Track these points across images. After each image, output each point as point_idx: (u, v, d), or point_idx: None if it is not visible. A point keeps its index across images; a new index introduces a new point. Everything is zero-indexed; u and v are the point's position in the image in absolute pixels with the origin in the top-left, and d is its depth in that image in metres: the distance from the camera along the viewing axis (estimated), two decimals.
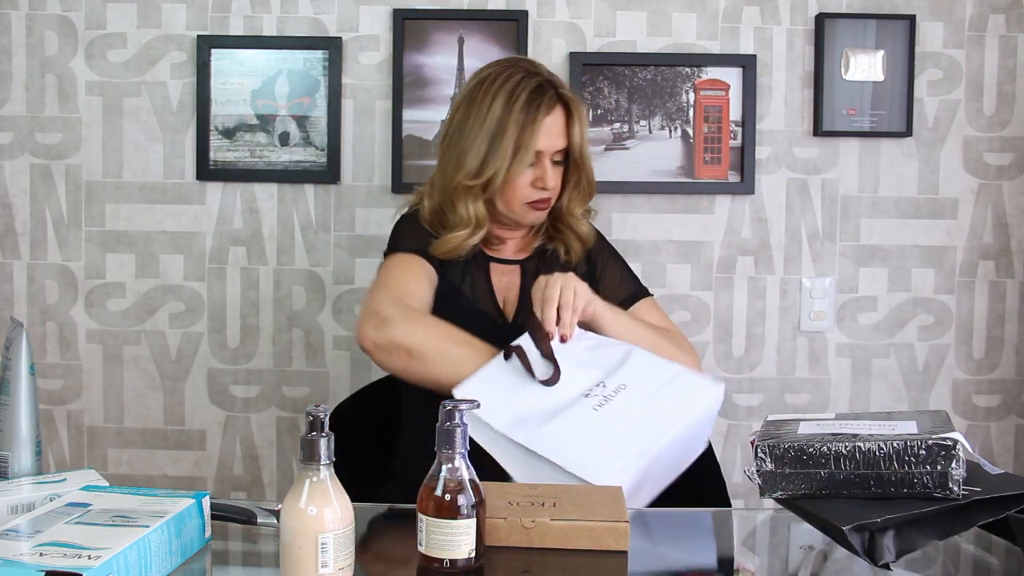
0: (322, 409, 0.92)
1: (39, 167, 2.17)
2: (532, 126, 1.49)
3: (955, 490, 0.98)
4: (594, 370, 1.33)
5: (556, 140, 1.53)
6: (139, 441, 2.20)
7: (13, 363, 1.15)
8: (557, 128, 1.53)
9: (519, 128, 1.49)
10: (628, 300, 1.61)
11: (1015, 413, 2.22)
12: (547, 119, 1.51)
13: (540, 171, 1.52)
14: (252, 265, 2.18)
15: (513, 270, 1.61)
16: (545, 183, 1.52)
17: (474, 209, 1.53)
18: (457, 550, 0.94)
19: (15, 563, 0.81)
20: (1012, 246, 2.19)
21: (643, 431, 1.25)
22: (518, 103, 1.49)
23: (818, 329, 2.19)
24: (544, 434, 1.23)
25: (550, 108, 1.51)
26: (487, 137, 1.50)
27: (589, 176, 1.59)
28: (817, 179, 2.18)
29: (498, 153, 1.49)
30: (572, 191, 1.59)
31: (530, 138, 1.49)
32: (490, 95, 1.51)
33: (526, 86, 1.50)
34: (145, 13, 2.15)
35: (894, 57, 2.13)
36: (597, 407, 1.27)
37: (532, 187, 1.53)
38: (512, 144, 1.49)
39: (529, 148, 1.49)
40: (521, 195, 1.54)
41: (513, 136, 1.49)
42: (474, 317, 1.51)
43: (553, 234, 1.64)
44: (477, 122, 1.51)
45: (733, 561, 1.12)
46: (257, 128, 2.15)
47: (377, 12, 2.14)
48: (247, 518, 1.10)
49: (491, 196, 1.54)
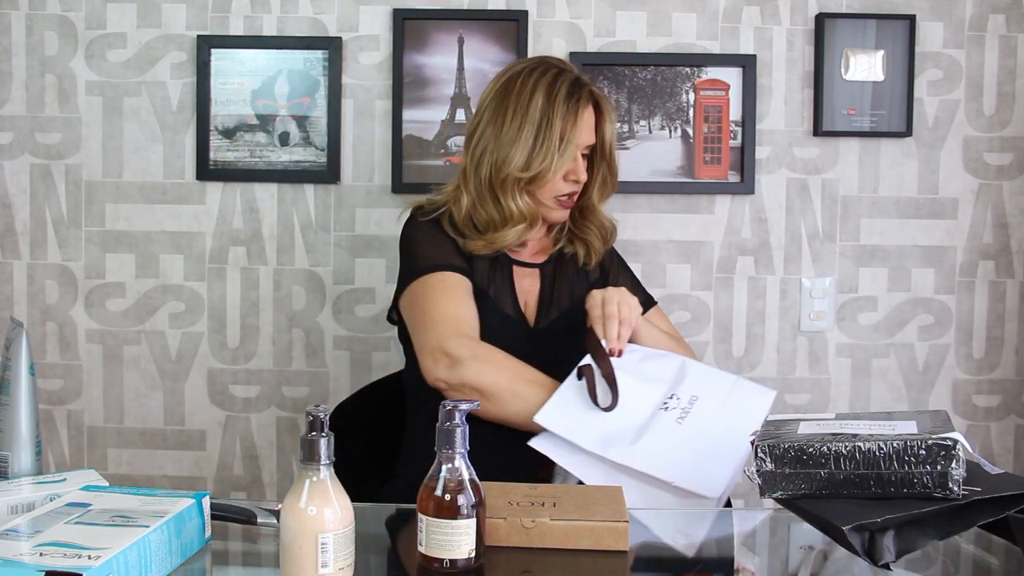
0: (322, 409, 0.92)
1: (39, 167, 2.17)
2: (575, 118, 1.51)
3: (955, 490, 0.98)
4: (659, 383, 1.39)
5: (590, 135, 1.56)
6: (139, 441, 2.20)
7: (13, 363, 1.15)
8: (590, 123, 1.56)
9: (563, 120, 1.50)
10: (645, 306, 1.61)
11: (1015, 413, 2.22)
12: (584, 113, 1.53)
13: (573, 164, 1.54)
14: (252, 265, 2.18)
15: (533, 273, 1.62)
16: (578, 176, 1.55)
17: (524, 204, 1.54)
18: (457, 550, 0.94)
19: (15, 563, 0.81)
20: (1012, 246, 2.19)
21: (729, 438, 1.28)
22: (560, 95, 1.51)
23: (818, 329, 2.19)
24: (640, 451, 1.27)
25: (586, 103, 1.54)
26: (533, 129, 1.51)
27: (615, 172, 1.63)
28: (817, 179, 2.18)
29: (547, 145, 1.50)
30: (599, 187, 1.62)
31: (573, 130, 1.51)
32: (528, 88, 1.52)
33: (565, 79, 1.53)
34: (145, 13, 2.15)
35: (894, 57, 2.13)
36: (679, 420, 1.32)
37: (565, 180, 1.55)
38: (558, 136, 1.51)
39: (573, 140, 1.51)
40: (556, 188, 1.55)
41: (559, 128, 1.50)
42: (499, 320, 1.53)
43: (573, 235, 1.65)
44: (519, 114, 1.51)
45: (733, 561, 1.12)
46: (257, 128, 2.15)
47: (377, 12, 2.14)
48: (247, 518, 1.10)
49: (534, 190, 1.54)
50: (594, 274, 1.67)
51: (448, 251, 1.55)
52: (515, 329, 1.55)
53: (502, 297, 1.57)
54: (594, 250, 1.65)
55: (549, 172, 1.51)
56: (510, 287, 1.59)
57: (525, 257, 1.63)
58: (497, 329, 1.48)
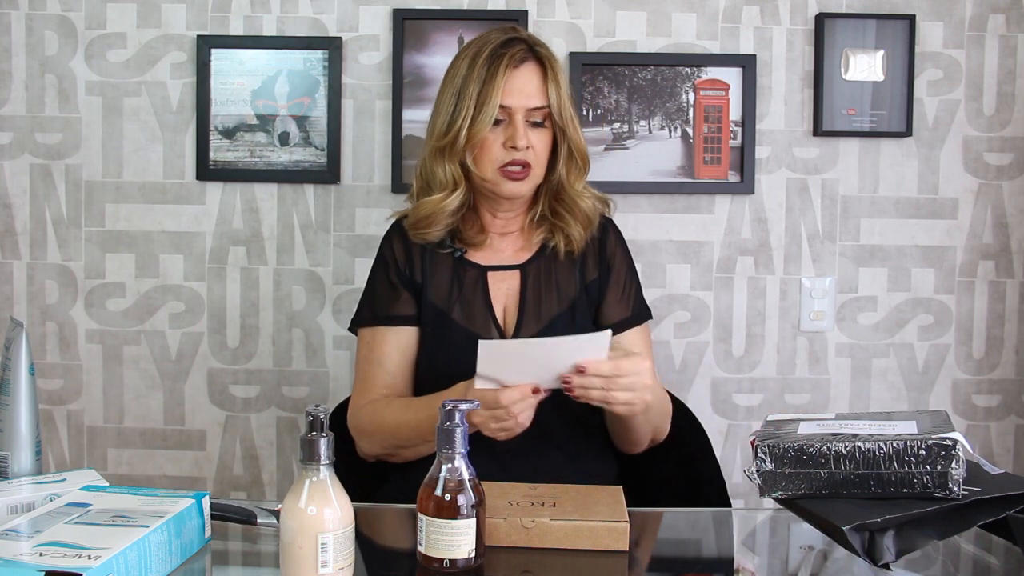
0: (322, 409, 0.92)
1: (39, 167, 2.17)
2: (493, 79, 1.41)
3: (955, 490, 0.98)
4: None
5: (528, 98, 1.43)
6: (139, 441, 2.20)
7: (13, 363, 1.16)
8: (531, 85, 1.43)
9: (481, 82, 1.42)
10: (626, 322, 1.52)
11: (1015, 413, 2.22)
12: (514, 72, 1.42)
13: (511, 130, 1.43)
14: (252, 265, 2.18)
15: (511, 276, 1.51)
16: (515, 142, 1.42)
17: (451, 170, 1.46)
18: (457, 550, 0.94)
19: (15, 563, 0.81)
20: (1012, 246, 2.19)
21: None
22: (481, 58, 1.43)
23: (818, 329, 2.19)
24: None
25: (518, 62, 1.43)
26: (453, 95, 1.44)
27: (577, 143, 1.48)
28: (817, 179, 2.18)
29: (462, 108, 1.42)
30: (566, 162, 1.49)
31: (492, 90, 1.41)
32: (460, 58, 1.47)
33: (493, 42, 1.45)
34: (145, 13, 2.15)
35: (894, 57, 2.13)
36: None
37: (504, 148, 1.43)
38: (475, 98, 1.42)
39: (492, 100, 1.41)
40: (493, 156, 1.44)
41: (476, 90, 1.42)
42: (464, 339, 1.44)
43: (553, 222, 1.52)
44: (447, 86, 1.47)
45: (733, 561, 1.12)
46: (257, 128, 2.15)
47: (377, 12, 2.14)
48: (247, 518, 1.10)
49: (463, 158, 1.45)
50: (591, 273, 1.53)
51: (389, 298, 1.51)
52: None
53: (469, 311, 1.48)
54: (575, 238, 1.50)
55: (462, 134, 1.42)
56: (483, 296, 1.49)
57: (505, 258, 1.52)
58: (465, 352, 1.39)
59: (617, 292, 1.54)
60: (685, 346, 2.19)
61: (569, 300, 1.50)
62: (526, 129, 1.43)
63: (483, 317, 1.48)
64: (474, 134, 1.42)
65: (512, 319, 1.49)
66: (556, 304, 1.49)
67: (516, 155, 1.43)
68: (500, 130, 1.43)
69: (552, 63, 1.45)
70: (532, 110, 1.43)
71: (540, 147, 1.45)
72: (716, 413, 2.20)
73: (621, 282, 1.55)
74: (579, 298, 1.51)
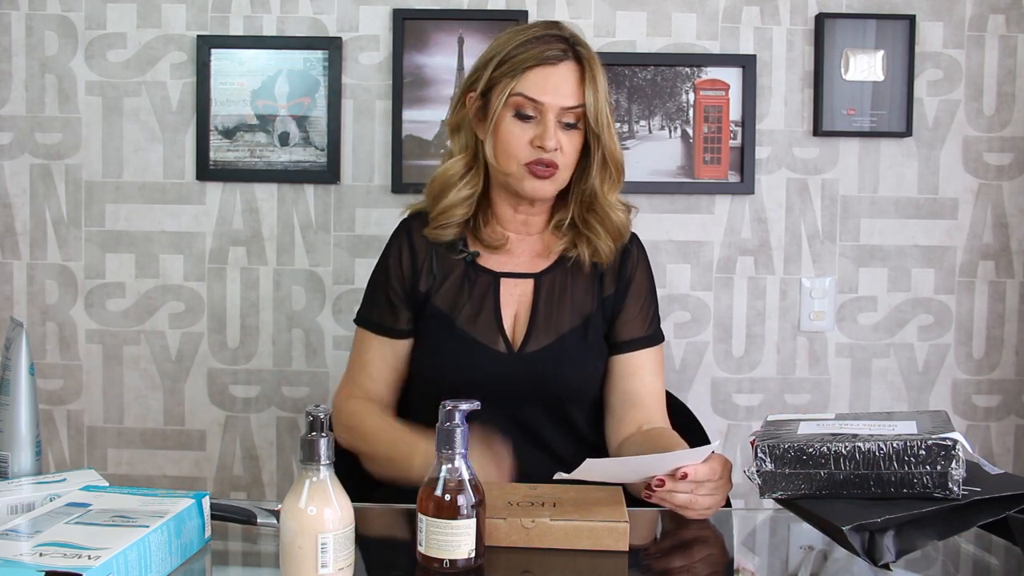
0: (322, 409, 0.92)
1: (39, 167, 2.17)
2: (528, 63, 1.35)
3: (955, 490, 0.98)
4: None
5: (563, 97, 1.35)
6: (139, 441, 2.20)
7: (13, 363, 1.15)
8: (567, 85, 1.36)
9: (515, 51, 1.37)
10: (638, 342, 1.46)
11: (1015, 413, 2.22)
12: (551, 69, 1.35)
13: (541, 129, 1.36)
14: (252, 265, 2.18)
15: (525, 284, 1.45)
16: (544, 142, 1.35)
17: (467, 139, 1.42)
18: (457, 550, 0.94)
19: (15, 563, 0.81)
20: (1012, 246, 2.19)
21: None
22: (519, 37, 1.38)
23: (818, 329, 2.19)
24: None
25: (557, 58, 1.36)
26: (483, 60, 1.40)
27: (612, 152, 1.40)
28: (817, 179, 2.18)
29: (488, 67, 1.38)
30: (599, 171, 1.41)
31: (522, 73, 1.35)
32: (496, 39, 1.42)
33: (535, 29, 1.39)
34: (145, 13, 2.15)
35: (894, 57, 2.13)
36: None
37: (531, 146, 1.36)
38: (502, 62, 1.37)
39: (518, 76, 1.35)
40: (517, 151, 1.37)
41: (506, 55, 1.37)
42: (467, 349, 1.40)
43: (580, 231, 1.45)
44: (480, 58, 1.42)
45: (733, 561, 1.12)
46: (257, 128, 2.15)
47: (377, 12, 2.14)
48: (247, 518, 1.10)
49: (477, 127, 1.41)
50: (608, 288, 1.46)
51: (384, 311, 1.48)
52: (488, 357, 1.40)
53: (475, 318, 1.42)
54: (603, 251, 1.43)
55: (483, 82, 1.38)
56: (493, 303, 1.43)
57: (520, 265, 1.47)
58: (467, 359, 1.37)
59: (636, 308, 1.47)
60: (685, 346, 2.19)
61: (584, 315, 1.44)
62: (556, 129, 1.36)
63: (490, 325, 1.42)
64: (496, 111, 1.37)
65: (521, 330, 1.43)
66: (569, 318, 1.44)
67: (543, 155, 1.36)
68: (530, 126, 1.37)
69: (592, 64, 1.38)
70: (565, 110, 1.36)
71: (569, 149, 1.38)
72: (716, 413, 2.20)
73: (641, 298, 1.48)
74: (594, 314, 1.45)
